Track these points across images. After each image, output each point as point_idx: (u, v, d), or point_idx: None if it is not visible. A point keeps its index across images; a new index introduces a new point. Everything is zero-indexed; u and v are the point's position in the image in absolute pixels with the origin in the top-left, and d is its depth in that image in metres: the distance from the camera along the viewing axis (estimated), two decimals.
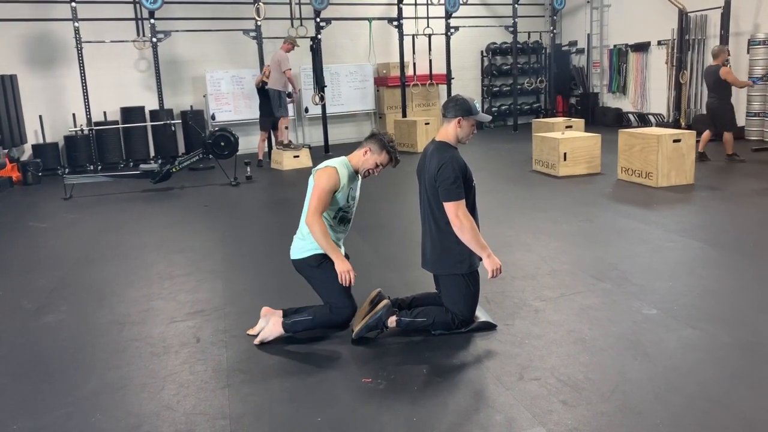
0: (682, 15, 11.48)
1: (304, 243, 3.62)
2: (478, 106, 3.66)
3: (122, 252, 5.83)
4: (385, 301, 3.63)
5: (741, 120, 10.91)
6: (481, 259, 3.60)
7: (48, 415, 2.99)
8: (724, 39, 10.58)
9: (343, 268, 3.48)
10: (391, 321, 3.62)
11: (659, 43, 12.66)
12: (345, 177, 3.57)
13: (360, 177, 3.72)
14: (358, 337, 3.59)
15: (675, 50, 11.90)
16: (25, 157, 10.83)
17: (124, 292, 4.73)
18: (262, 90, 10.40)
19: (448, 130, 3.61)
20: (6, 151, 10.19)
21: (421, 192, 3.71)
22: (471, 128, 3.62)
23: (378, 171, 3.66)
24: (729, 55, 9.59)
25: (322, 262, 3.57)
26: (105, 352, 3.66)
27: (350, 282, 3.50)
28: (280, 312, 3.79)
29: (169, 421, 2.88)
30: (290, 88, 10.39)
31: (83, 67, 10.42)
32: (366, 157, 3.62)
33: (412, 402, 2.97)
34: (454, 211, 3.46)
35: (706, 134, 8.89)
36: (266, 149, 11.06)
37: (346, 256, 3.70)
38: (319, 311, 3.63)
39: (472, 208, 3.60)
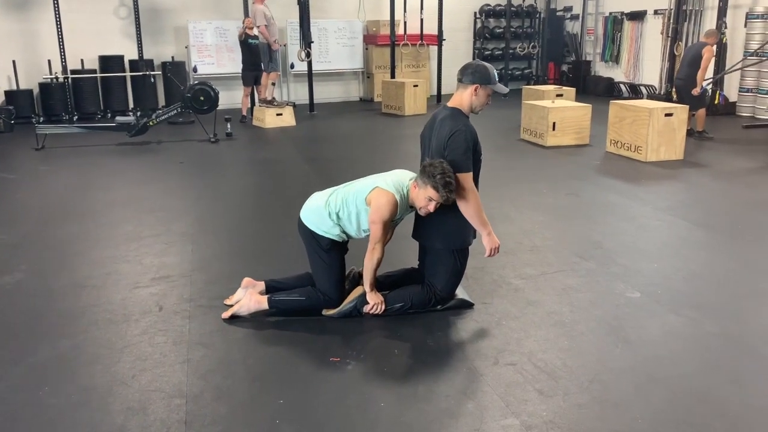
0: None
1: (323, 221, 3.33)
2: (497, 76, 3.42)
3: (90, 209, 5.59)
4: (359, 288, 3.46)
5: (733, 95, 10.75)
6: (475, 237, 3.42)
7: None
8: (722, 11, 10.31)
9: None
10: (367, 308, 3.45)
11: (656, 12, 12.34)
12: (401, 209, 3.30)
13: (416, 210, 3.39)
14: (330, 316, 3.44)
15: (671, 21, 11.62)
16: None
17: (88, 252, 4.52)
18: (245, 42, 10.00)
19: (463, 97, 3.37)
20: None
21: (423, 158, 3.49)
22: (487, 98, 3.38)
23: (433, 207, 3.24)
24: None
25: (332, 249, 3.37)
26: (61, 318, 3.47)
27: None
28: (262, 285, 3.58)
29: (122, 398, 2.71)
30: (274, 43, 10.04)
31: (58, 11, 9.95)
32: (416, 192, 3.26)
33: (380, 385, 2.83)
34: (461, 182, 3.25)
35: (701, 112, 8.67)
36: (249, 105, 10.72)
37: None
38: (312, 294, 3.43)
39: (474, 182, 3.40)
